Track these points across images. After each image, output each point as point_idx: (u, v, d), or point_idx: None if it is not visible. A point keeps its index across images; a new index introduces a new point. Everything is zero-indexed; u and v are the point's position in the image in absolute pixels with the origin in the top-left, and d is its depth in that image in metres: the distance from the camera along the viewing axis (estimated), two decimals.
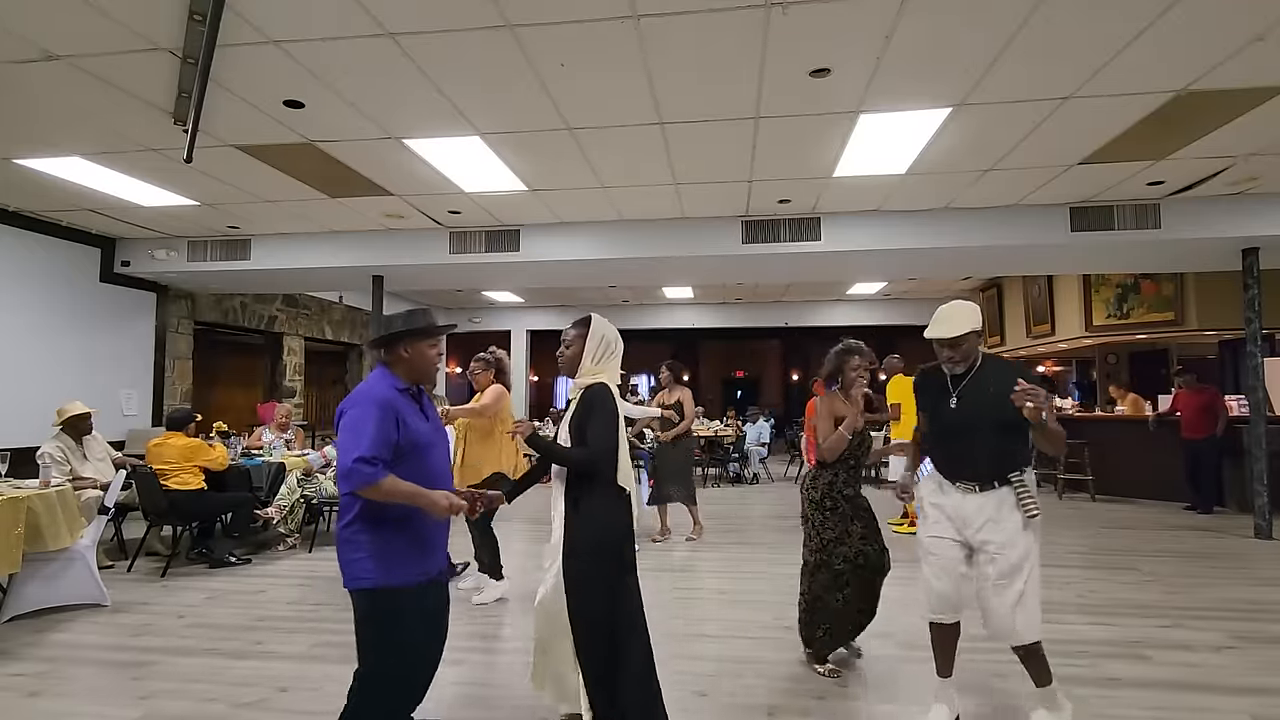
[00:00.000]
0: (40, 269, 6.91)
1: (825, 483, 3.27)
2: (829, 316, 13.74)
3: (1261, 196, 6.19)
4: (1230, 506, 7.64)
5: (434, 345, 2.42)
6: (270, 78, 3.99)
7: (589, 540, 2.43)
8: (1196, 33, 3.56)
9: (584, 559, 2.43)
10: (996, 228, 6.65)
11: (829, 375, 3.36)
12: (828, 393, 3.36)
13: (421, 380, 2.42)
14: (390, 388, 2.29)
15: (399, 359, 2.37)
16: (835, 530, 3.22)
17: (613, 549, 2.46)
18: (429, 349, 2.40)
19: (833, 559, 3.21)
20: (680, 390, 6.47)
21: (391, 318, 2.41)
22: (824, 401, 3.31)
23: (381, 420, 2.17)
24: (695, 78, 4.05)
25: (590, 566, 2.43)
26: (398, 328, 2.36)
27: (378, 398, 2.22)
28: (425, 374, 2.42)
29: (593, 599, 2.41)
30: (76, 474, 5.09)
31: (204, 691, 3.14)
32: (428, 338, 2.39)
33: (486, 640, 3.81)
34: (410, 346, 2.37)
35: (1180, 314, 9.02)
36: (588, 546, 2.43)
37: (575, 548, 2.44)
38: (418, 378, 2.40)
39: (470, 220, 7.08)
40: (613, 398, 2.50)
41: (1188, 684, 3.17)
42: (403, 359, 2.37)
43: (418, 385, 2.42)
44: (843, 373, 3.29)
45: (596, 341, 2.57)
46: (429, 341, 2.40)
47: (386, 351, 2.38)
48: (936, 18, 3.43)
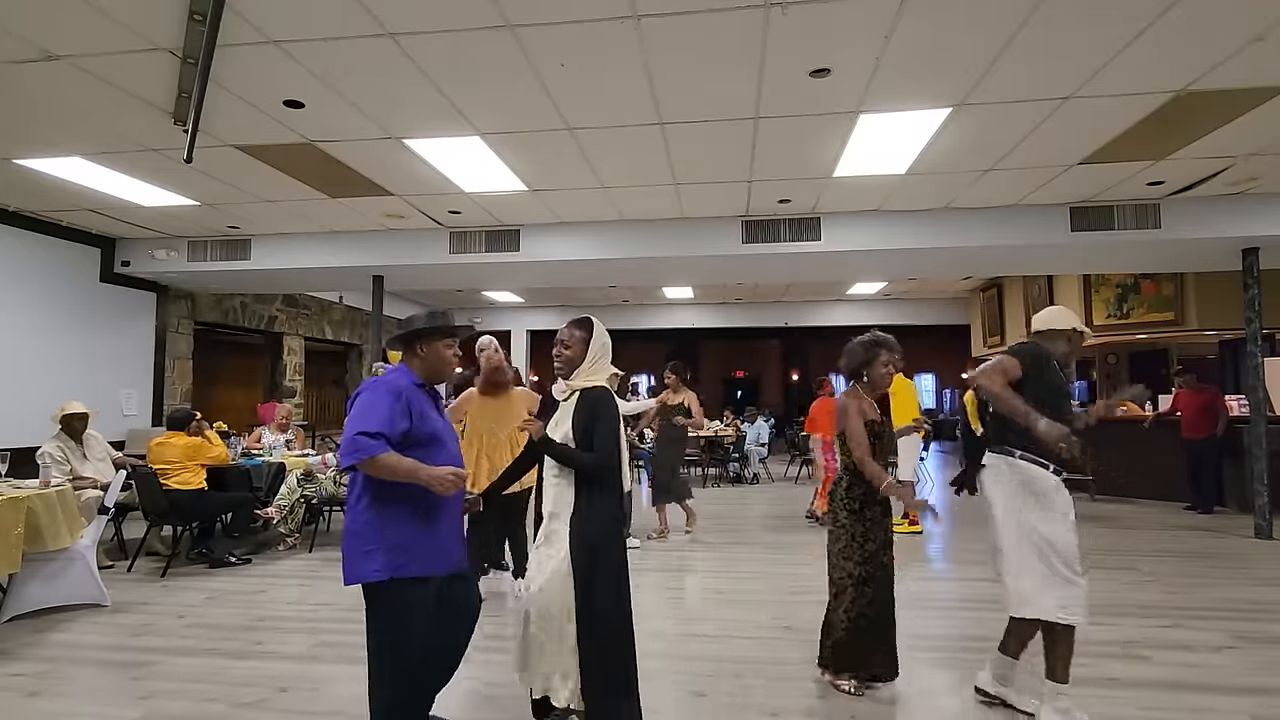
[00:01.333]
0: (40, 269, 6.91)
1: (863, 490, 3.01)
2: (829, 316, 13.75)
3: (1261, 196, 6.19)
4: (1230, 506, 7.64)
5: (450, 345, 2.48)
6: (270, 78, 3.99)
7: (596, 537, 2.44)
8: (1196, 33, 3.56)
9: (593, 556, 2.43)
10: (996, 228, 6.65)
11: (855, 369, 3.06)
12: (848, 389, 3.08)
13: (436, 379, 2.49)
14: (409, 381, 2.36)
15: (414, 357, 2.45)
16: (878, 539, 3.00)
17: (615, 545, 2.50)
18: (445, 349, 2.46)
19: (877, 570, 2.98)
20: (686, 392, 6.50)
21: (413, 317, 2.47)
22: (851, 401, 3.02)
23: (393, 405, 2.23)
24: (695, 78, 4.04)
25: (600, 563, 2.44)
26: (419, 326, 2.43)
27: (393, 385, 2.29)
28: (440, 373, 2.49)
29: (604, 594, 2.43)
30: (76, 474, 5.10)
31: (204, 691, 3.14)
32: (443, 338, 2.46)
33: (496, 640, 3.80)
34: (426, 345, 2.44)
35: (1180, 314, 9.02)
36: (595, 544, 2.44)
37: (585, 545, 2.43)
38: (432, 376, 2.47)
39: (470, 220, 7.08)
40: (614, 401, 2.54)
41: (1188, 684, 3.17)
42: (418, 357, 2.45)
43: (432, 384, 2.48)
44: (871, 367, 3.02)
45: (599, 345, 2.60)
46: (445, 341, 2.46)
47: (405, 348, 2.46)
48: (936, 18, 3.43)
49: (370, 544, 2.21)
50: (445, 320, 2.45)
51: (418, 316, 2.45)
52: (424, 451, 2.27)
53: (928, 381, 19.42)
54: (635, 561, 5.38)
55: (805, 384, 19.09)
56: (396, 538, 2.22)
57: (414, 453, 2.23)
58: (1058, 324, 2.95)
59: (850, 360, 3.09)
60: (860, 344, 3.06)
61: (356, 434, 2.13)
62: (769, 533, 6.69)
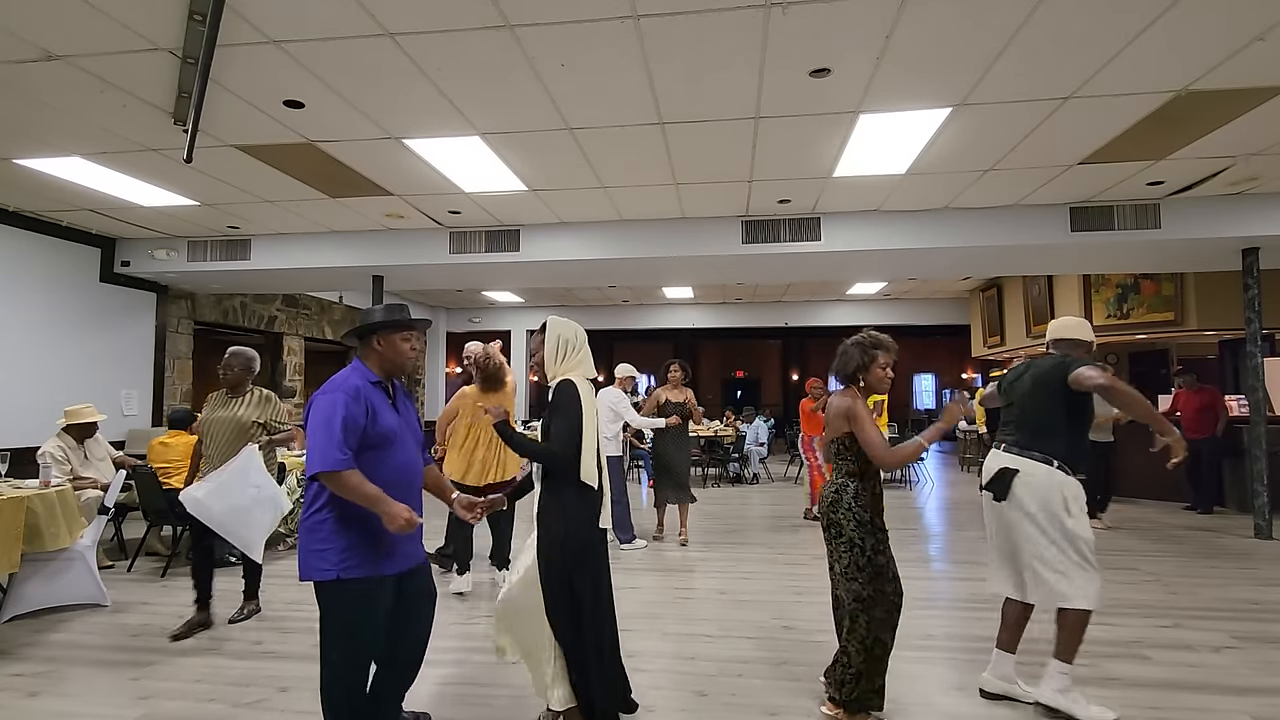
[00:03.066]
0: (40, 269, 6.91)
1: (869, 498, 2.78)
2: (829, 316, 13.76)
3: (1261, 196, 6.19)
4: (1230, 506, 7.65)
5: (407, 339, 2.46)
6: (270, 78, 3.99)
7: (555, 534, 2.53)
8: (1196, 33, 3.56)
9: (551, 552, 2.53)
10: (996, 228, 6.66)
11: (852, 372, 2.90)
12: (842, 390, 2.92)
13: (395, 372, 2.49)
14: (362, 379, 2.36)
15: (371, 351, 2.45)
16: (885, 553, 2.76)
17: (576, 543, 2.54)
18: (401, 342, 2.45)
19: (886, 588, 2.73)
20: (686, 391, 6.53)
21: (369, 311, 2.49)
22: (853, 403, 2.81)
23: (349, 408, 2.23)
24: (695, 78, 4.04)
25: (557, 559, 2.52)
26: (374, 319, 2.43)
27: (347, 387, 2.29)
28: (398, 366, 2.47)
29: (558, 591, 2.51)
30: (77, 474, 5.09)
31: (204, 691, 3.14)
32: (399, 330, 2.45)
33: (483, 640, 3.80)
34: (383, 339, 2.44)
35: (1180, 314, 9.02)
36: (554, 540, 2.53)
37: (543, 542, 2.56)
38: (390, 370, 2.47)
39: (470, 220, 7.08)
40: (578, 396, 2.58)
41: (1188, 684, 3.17)
42: (375, 351, 2.44)
43: (391, 378, 2.48)
44: (869, 370, 2.87)
45: (554, 343, 2.69)
46: (401, 335, 2.45)
47: (361, 343, 2.46)
48: (936, 17, 3.43)
49: (322, 544, 2.24)
50: (403, 314, 2.47)
51: (375, 310, 2.47)
52: (377, 453, 2.30)
53: (928, 382, 19.42)
54: (635, 562, 5.42)
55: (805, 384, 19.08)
56: (349, 538, 2.25)
57: (369, 454, 2.27)
58: (1083, 335, 3.13)
59: (846, 363, 2.92)
60: (856, 346, 2.90)
61: (324, 444, 2.17)
62: (769, 533, 6.69)
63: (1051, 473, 2.85)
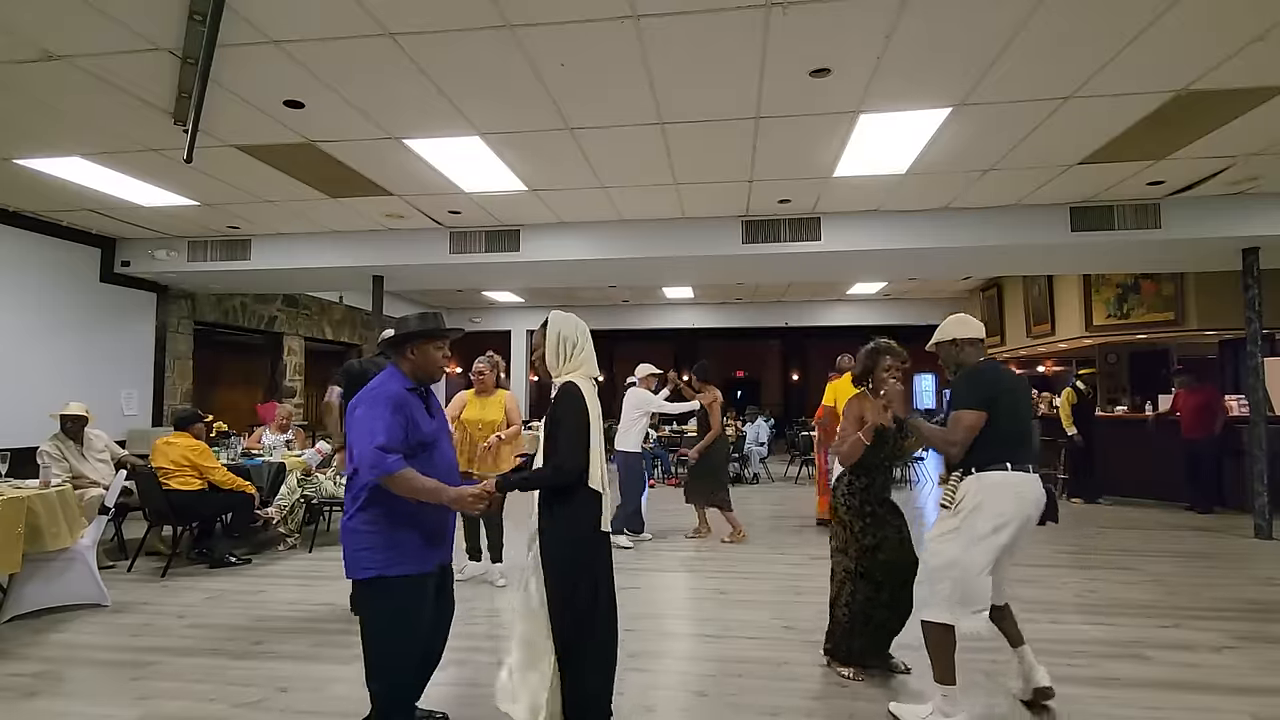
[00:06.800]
0: (40, 269, 6.90)
1: (862, 488, 3.20)
2: (829, 316, 13.75)
3: (1261, 196, 6.18)
4: (1230, 506, 7.64)
5: (440, 347, 2.54)
6: (270, 78, 3.99)
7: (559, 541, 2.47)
8: (1196, 33, 3.56)
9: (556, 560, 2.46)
10: (996, 228, 6.65)
11: (860, 375, 3.31)
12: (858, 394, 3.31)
13: (427, 380, 2.56)
14: (399, 386, 2.43)
15: (406, 359, 2.51)
16: (875, 537, 3.15)
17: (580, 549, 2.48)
18: (434, 350, 2.53)
19: (873, 568, 3.12)
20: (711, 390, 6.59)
21: (404, 319, 2.54)
22: (854, 402, 3.25)
23: (393, 415, 2.31)
24: (695, 78, 4.04)
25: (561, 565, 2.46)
26: (410, 329, 2.49)
27: (387, 394, 2.37)
28: (429, 374, 2.55)
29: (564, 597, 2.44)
30: (77, 473, 5.09)
31: (204, 691, 3.13)
32: (433, 340, 2.52)
33: (490, 640, 3.81)
34: (416, 348, 2.51)
35: (1180, 314, 9.01)
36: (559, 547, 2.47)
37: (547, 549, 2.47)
38: (422, 377, 2.54)
39: (470, 220, 7.08)
40: (581, 402, 2.47)
41: (1188, 684, 3.17)
42: (409, 359, 2.51)
43: (422, 384, 2.54)
44: (873, 373, 3.24)
45: (555, 340, 2.57)
46: (435, 344, 2.53)
47: (395, 352, 2.53)
48: (936, 18, 3.43)
49: (367, 543, 2.32)
50: (436, 323, 2.53)
51: (410, 319, 2.52)
52: (420, 457, 2.37)
53: (928, 382, 19.42)
54: (636, 561, 5.43)
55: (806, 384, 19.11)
56: (393, 536, 2.33)
57: (413, 459, 2.33)
58: (978, 333, 2.99)
59: (857, 366, 3.35)
60: (864, 351, 3.30)
61: (376, 448, 2.22)
62: (769, 533, 6.68)
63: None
